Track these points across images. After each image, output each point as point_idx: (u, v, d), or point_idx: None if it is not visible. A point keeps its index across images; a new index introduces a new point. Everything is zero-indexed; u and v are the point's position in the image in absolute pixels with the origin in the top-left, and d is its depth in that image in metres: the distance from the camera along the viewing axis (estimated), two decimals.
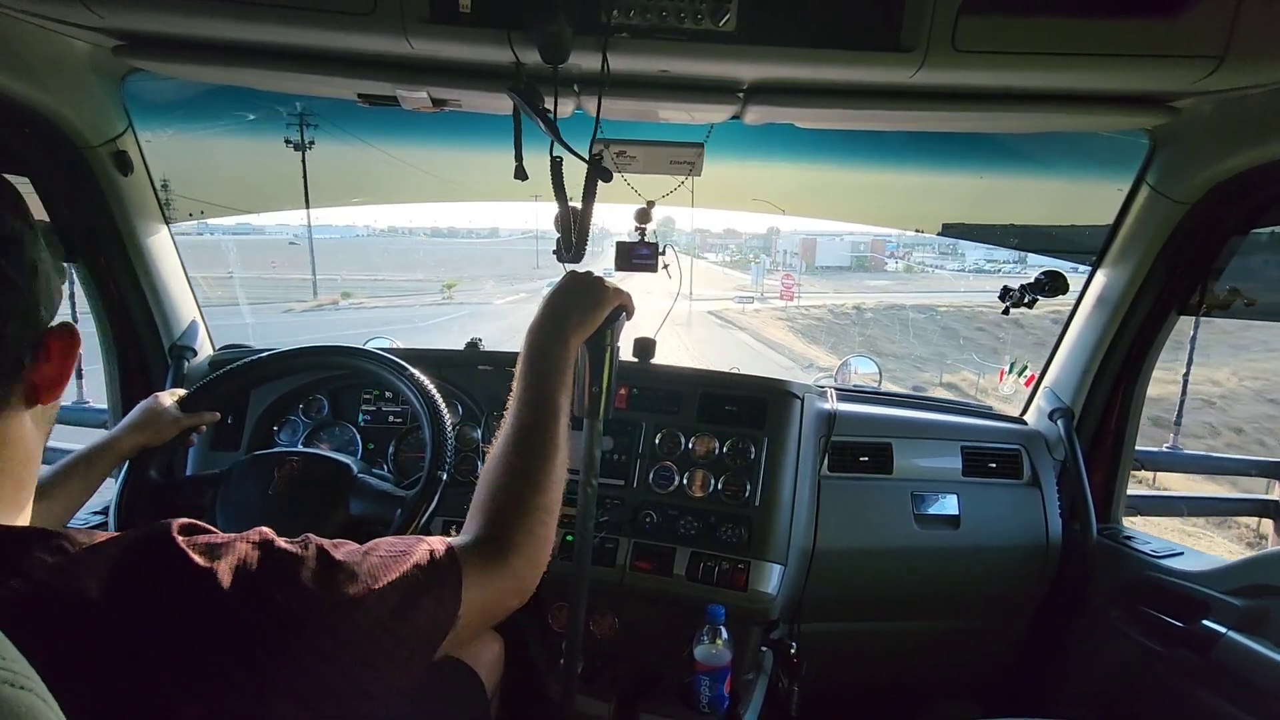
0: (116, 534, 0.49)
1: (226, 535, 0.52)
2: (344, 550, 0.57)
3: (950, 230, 1.95)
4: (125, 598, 0.45)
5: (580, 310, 0.87)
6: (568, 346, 0.84)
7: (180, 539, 0.49)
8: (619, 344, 0.98)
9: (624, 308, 0.93)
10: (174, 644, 0.45)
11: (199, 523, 0.53)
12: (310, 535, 0.57)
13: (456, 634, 0.61)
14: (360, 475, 1.16)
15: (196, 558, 0.48)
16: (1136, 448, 1.63)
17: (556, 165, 1.08)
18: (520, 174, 1.09)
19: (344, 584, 0.53)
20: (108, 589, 0.45)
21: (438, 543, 0.63)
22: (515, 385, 0.81)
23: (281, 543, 0.54)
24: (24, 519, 0.53)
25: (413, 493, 1.12)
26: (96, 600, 0.44)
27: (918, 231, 2.05)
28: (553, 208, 1.14)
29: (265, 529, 0.55)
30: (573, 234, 1.10)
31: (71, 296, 1.69)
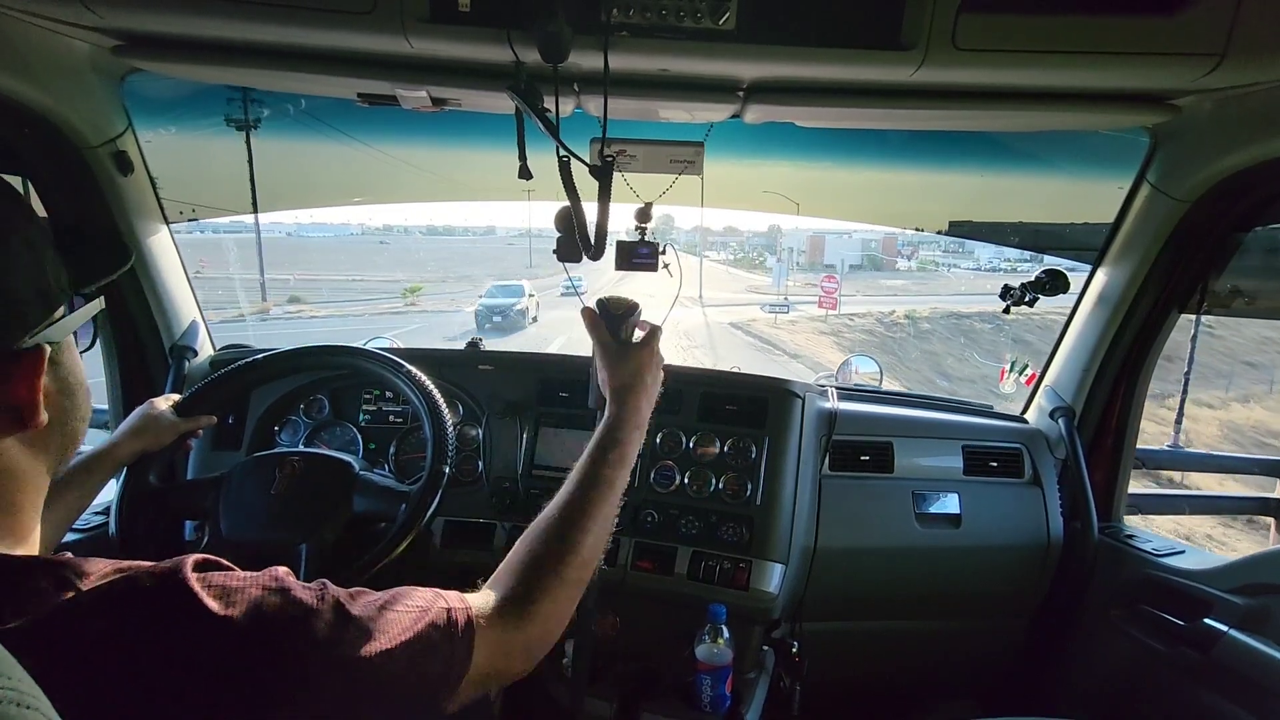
0: (127, 568, 0.48)
1: (243, 576, 0.52)
2: (360, 604, 0.56)
3: (957, 227, 1.94)
4: (137, 642, 0.45)
5: (654, 397, 0.94)
6: (641, 437, 0.89)
7: (194, 578, 0.48)
8: (634, 340, 1.01)
9: (638, 306, 0.98)
10: (182, 688, 0.45)
11: (214, 559, 0.52)
12: (327, 583, 0.56)
13: (456, 694, 0.60)
14: (362, 473, 1.16)
15: (211, 602, 0.47)
16: (1138, 446, 1.63)
17: (565, 165, 1.08)
18: (524, 173, 1.09)
19: (356, 641, 0.53)
20: (118, 633, 0.44)
21: (456, 601, 0.63)
22: (582, 459, 0.83)
23: (298, 591, 0.53)
24: (25, 548, 0.52)
25: (416, 487, 1.12)
26: (106, 644, 0.44)
27: (918, 230, 2.05)
28: (546, 206, 1.14)
29: (281, 570, 0.54)
30: (589, 234, 1.10)
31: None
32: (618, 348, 0.95)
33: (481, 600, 0.66)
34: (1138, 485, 1.70)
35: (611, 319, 0.98)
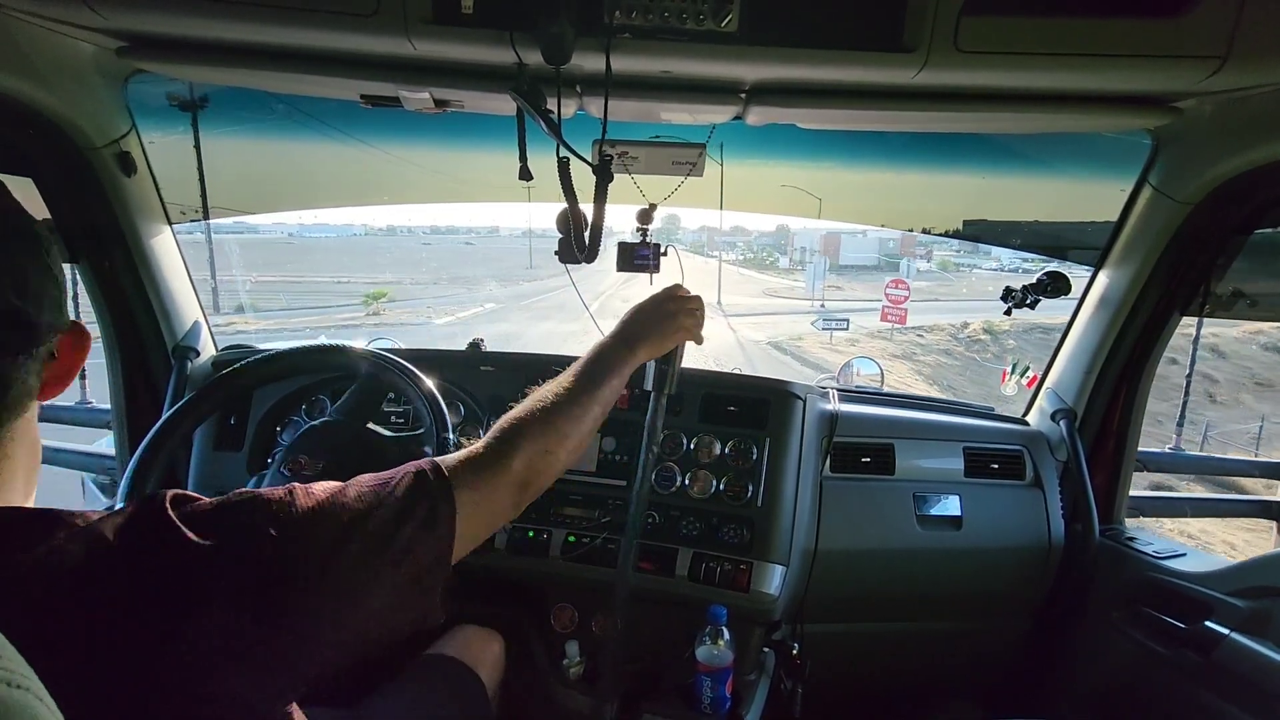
0: (117, 511, 0.53)
1: (212, 501, 0.56)
2: (323, 487, 0.61)
3: (971, 227, 1.93)
4: (126, 566, 0.49)
5: (658, 333, 0.96)
6: (634, 359, 0.93)
7: (171, 511, 0.53)
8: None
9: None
10: (171, 606, 0.49)
11: (188, 494, 0.56)
12: (294, 484, 0.60)
13: (453, 546, 0.66)
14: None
15: (185, 528, 0.52)
16: (1139, 449, 1.63)
17: (564, 166, 1.08)
18: (525, 174, 1.09)
19: (329, 518, 0.58)
20: (110, 560, 0.49)
21: (424, 461, 0.68)
22: (567, 371, 0.88)
23: (264, 494, 0.58)
24: (32, 503, 0.57)
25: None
26: (99, 570, 0.48)
27: (926, 231, 2.04)
28: (548, 207, 1.15)
29: (248, 488, 0.59)
30: (584, 234, 1.10)
31: (75, 297, 1.70)
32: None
33: (457, 454, 0.72)
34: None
35: None
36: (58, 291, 0.53)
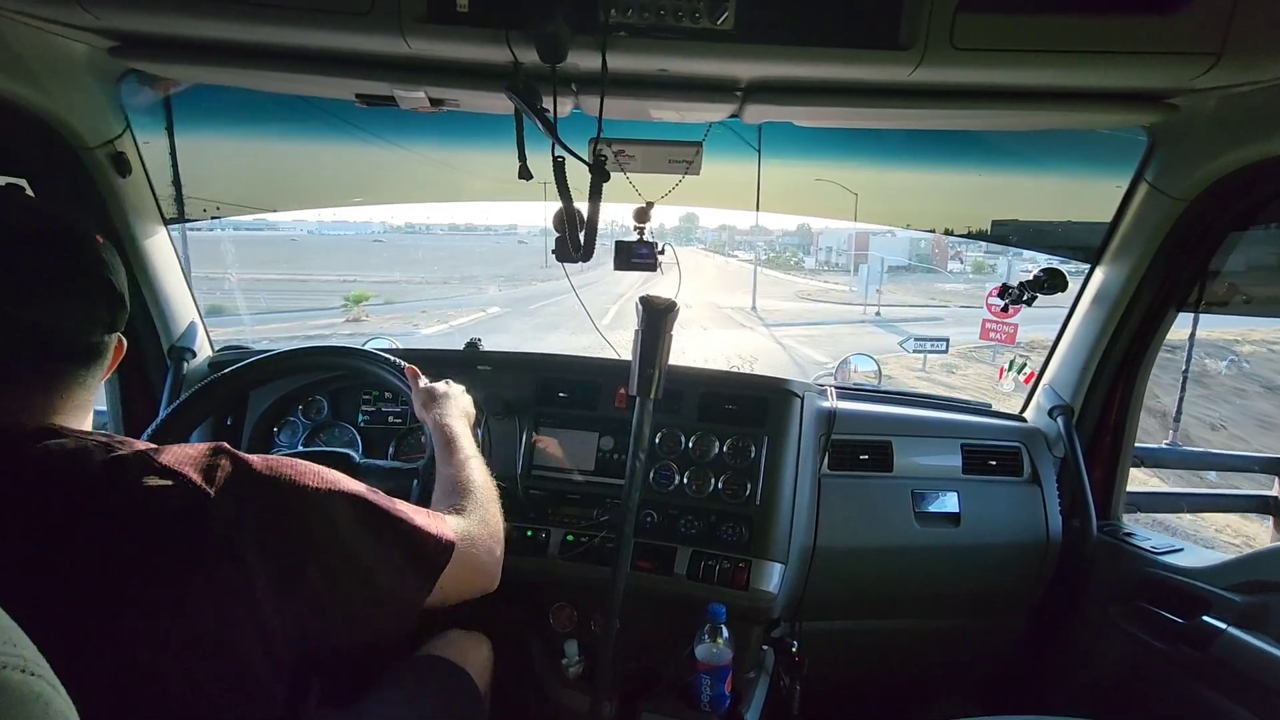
0: (181, 446, 0.67)
1: (260, 462, 0.69)
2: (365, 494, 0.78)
3: (1000, 228, 1.90)
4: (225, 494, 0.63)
5: (449, 411, 1.13)
6: (456, 423, 1.09)
7: (221, 463, 0.66)
8: (671, 332, 1.16)
9: (675, 304, 1.15)
10: (189, 560, 0.60)
11: (234, 452, 0.68)
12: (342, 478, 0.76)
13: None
14: (363, 460, 1.16)
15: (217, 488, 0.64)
16: (1136, 444, 1.63)
17: (560, 165, 1.08)
18: (524, 173, 1.09)
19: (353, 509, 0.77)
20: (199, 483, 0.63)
21: (448, 538, 0.83)
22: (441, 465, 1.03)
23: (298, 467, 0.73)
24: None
25: (423, 462, 1.12)
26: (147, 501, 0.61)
27: (948, 232, 2.04)
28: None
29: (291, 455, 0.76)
30: (579, 233, 1.10)
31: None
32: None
33: (460, 527, 0.89)
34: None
35: (653, 314, 1.13)
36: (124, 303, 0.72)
